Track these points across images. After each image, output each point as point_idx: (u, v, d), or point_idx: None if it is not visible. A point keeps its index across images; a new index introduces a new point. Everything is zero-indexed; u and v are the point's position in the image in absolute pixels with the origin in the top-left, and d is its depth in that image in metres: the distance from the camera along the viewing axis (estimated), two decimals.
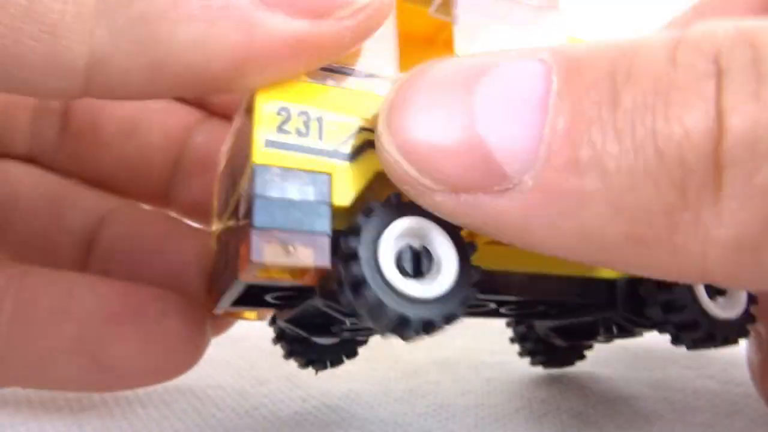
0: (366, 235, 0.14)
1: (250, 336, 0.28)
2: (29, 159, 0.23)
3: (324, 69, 0.15)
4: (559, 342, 0.24)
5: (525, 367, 0.26)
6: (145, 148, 0.22)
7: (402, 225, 0.15)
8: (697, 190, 0.11)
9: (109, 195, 0.22)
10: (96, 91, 0.13)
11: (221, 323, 0.21)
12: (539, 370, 0.26)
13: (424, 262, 0.15)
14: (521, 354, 0.26)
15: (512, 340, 0.26)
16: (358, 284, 0.14)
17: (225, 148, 0.20)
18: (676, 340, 0.19)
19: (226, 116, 0.23)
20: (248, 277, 0.14)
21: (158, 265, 0.20)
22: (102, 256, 0.21)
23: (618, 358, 0.28)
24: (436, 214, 0.14)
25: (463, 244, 0.15)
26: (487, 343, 0.30)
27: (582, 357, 0.26)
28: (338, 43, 0.14)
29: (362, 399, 0.22)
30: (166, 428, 0.19)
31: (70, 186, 0.22)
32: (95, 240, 0.21)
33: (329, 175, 0.15)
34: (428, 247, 0.15)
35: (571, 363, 0.26)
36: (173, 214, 0.23)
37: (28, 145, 0.22)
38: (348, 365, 0.25)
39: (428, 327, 0.14)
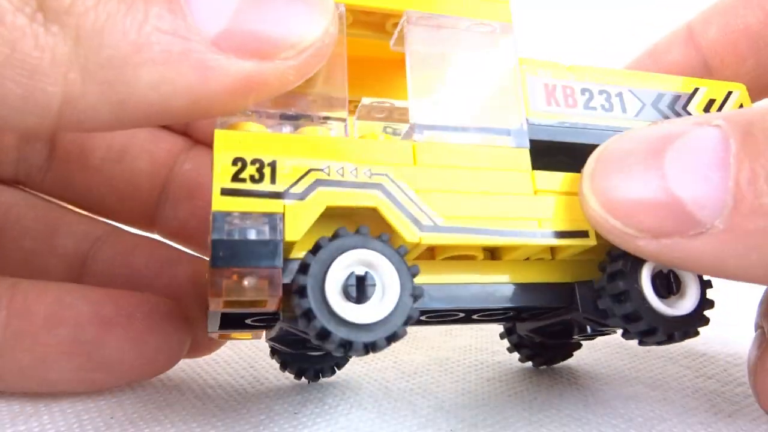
0: (314, 269, 0.16)
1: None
2: (15, 182, 0.23)
3: (282, 116, 0.18)
4: (539, 341, 0.25)
5: (525, 368, 0.26)
6: (132, 174, 0.24)
7: (346, 259, 0.16)
8: None
9: (99, 220, 0.23)
10: (68, 126, 0.14)
11: (209, 344, 0.23)
12: (540, 371, 0.26)
13: (368, 288, 0.16)
14: (510, 350, 0.27)
15: (501, 336, 0.27)
16: (307, 315, 0.16)
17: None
18: (625, 334, 0.20)
19: (210, 144, 0.24)
20: (217, 307, 0.16)
21: (148, 290, 0.21)
22: (93, 281, 0.22)
23: (617, 358, 0.28)
24: (639, 256, 0.17)
25: (407, 268, 0.17)
26: (487, 343, 0.30)
27: (569, 355, 0.27)
28: (283, 80, 0.15)
29: (362, 398, 0.22)
30: (167, 427, 0.19)
31: (60, 210, 0.23)
32: (87, 264, 0.23)
33: (282, 214, 0.16)
34: (372, 273, 0.17)
35: (558, 360, 0.27)
36: (160, 238, 0.25)
37: (14, 169, 0.24)
38: (348, 365, 0.25)
39: (372, 347, 0.16)
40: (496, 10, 0.21)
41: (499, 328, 0.33)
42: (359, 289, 0.16)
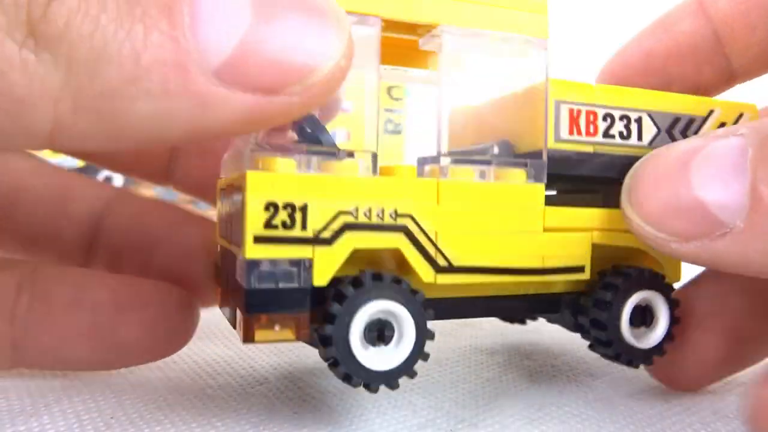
0: (339, 321, 0.17)
1: None
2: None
3: (311, 151, 0.18)
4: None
5: (525, 367, 0.26)
6: None
7: (370, 309, 0.18)
8: None
9: (109, 185, 0.24)
10: (59, 147, 0.15)
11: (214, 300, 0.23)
12: (539, 370, 0.26)
13: (387, 336, 0.18)
14: None
15: None
16: (333, 362, 0.18)
17: (226, 157, 0.20)
18: (591, 348, 0.23)
19: None
20: (249, 342, 0.17)
21: (161, 251, 0.22)
22: (107, 243, 0.23)
23: None
24: (674, 257, 0.20)
25: (424, 317, 0.19)
26: (487, 343, 0.30)
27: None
28: (288, 114, 0.15)
29: (362, 398, 0.22)
30: (167, 427, 0.19)
31: (69, 176, 0.24)
32: (100, 228, 0.23)
33: (311, 259, 0.17)
34: (393, 321, 0.18)
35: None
36: (172, 197, 0.25)
37: None
38: None
39: (389, 387, 0.18)
40: (533, 23, 0.21)
41: (499, 329, 0.33)
42: (379, 336, 0.18)
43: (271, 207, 0.17)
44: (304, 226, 0.17)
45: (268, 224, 0.17)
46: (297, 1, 0.14)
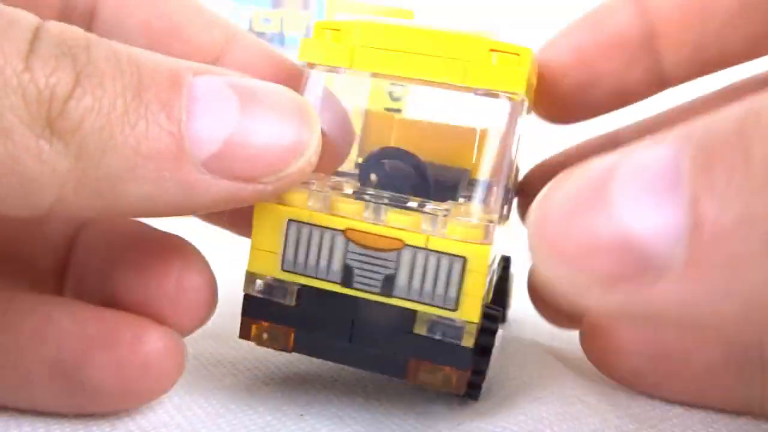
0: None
1: None
2: None
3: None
4: None
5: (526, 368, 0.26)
6: None
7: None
8: None
9: None
10: (55, 217, 0.16)
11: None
12: (539, 369, 0.26)
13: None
14: None
15: None
16: (481, 372, 0.21)
17: None
18: None
19: None
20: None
21: (135, 278, 0.20)
22: (79, 263, 0.21)
23: None
24: (596, 309, 0.16)
25: None
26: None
27: None
28: (259, 198, 0.17)
29: (362, 398, 0.22)
30: (172, 428, 0.19)
31: None
32: (73, 247, 0.22)
33: None
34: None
35: None
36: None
37: None
38: (348, 365, 0.25)
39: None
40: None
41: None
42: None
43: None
44: None
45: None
46: (277, 103, 0.17)
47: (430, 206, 0.19)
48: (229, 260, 0.23)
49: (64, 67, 0.14)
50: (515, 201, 0.28)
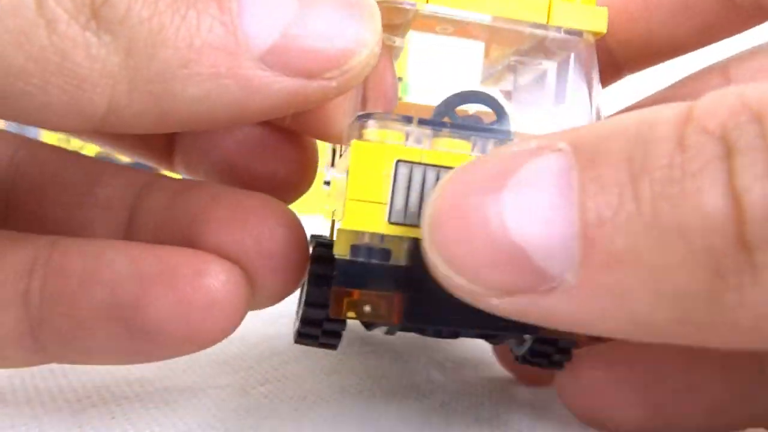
0: None
1: (251, 336, 0.28)
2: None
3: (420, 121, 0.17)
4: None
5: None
6: None
7: None
8: (735, 271, 0.11)
9: (140, 170, 0.21)
10: (108, 128, 0.15)
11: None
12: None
13: None
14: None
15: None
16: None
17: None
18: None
19: None
20: None
21: (207, 229, 0.18)
22: (144, 229, 0.20)
23: None
24: (495, 313, 0.14)
25: None
26: (486, 344, 0.30)
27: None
28: (324, 98, 0.16)
29: (362, 397, 0.22)
30: (168, 427, 0.19)
31: (96, 162, 0.21)
32: (134, 215, 0.20)
33: None
34: None
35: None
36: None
37: None
38: (348, 362, 0.25)
39: None
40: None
41: None
42: None
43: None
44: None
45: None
46: None
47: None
48: None
49: None
50: None
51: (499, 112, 0.19)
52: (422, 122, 0.17)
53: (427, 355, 0.27)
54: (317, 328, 0.18)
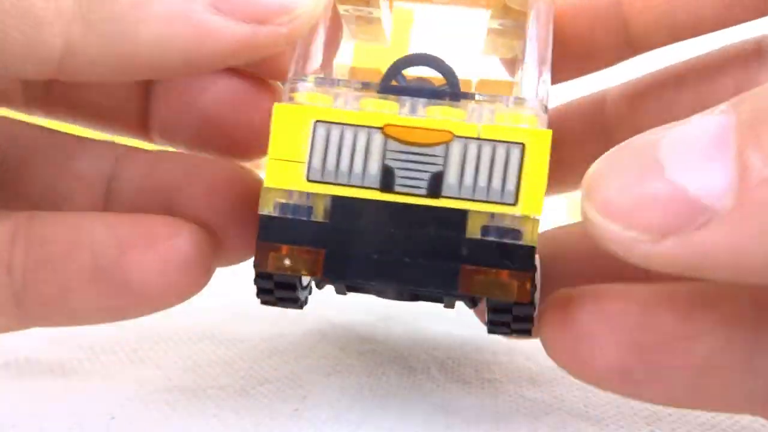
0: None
1: (251, 336, 0.28)
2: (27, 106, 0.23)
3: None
4: None
5: (526, 367, 0.26)
6: None
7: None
8: None
9: (116, 143, 0.22)
10: (67, 76, 0.15)
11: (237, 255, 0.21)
12: (540, 370, 0.26)
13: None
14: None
15: None
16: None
17: None
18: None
19: None
20: None
21: (182, 196, 0.20)
22: (123, 198, 0.21)
23: None
24: (647, 266, 0.15)
25: None
26: (487, 343, 0.30)
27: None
28: (274, 44, 0.16)
29: (362, 397, 0.22)
30: (167, 428, 0.19)
31: (73, 137, 0.22)
32: (112, 186, 0.21)
33: None
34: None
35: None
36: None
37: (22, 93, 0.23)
38: (348, 362, 0.25)
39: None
40: None
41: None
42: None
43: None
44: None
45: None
46: None
47: (480, 96, 0.17)
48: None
49: None
50: None
51: (448, 75, 0.19)
52: (349, 84, 0.18)
53: (427, 354, 0.27)
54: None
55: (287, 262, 0.17)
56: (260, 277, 0.19)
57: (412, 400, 0.22)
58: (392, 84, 0.19)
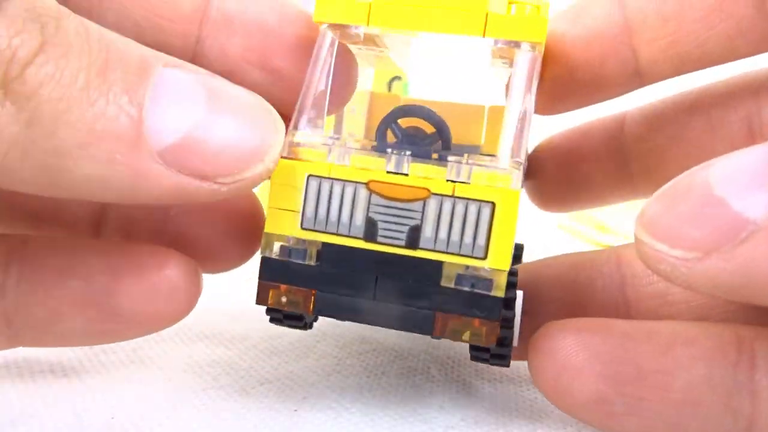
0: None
1: (251, 336, 0.28)
2: None
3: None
4: None
5: (525, 368, 0.26)
6: None
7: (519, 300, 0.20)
8: None
9: None
10: None
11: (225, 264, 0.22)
12: None
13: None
14: None
15: None
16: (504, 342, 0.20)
17: None
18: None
19: None
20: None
21: (174, 216, 0.21)
22: (117, 213, 0.22)
23: None
24: (691, 287, 0.15)
25: None
26: None
27: None
28: (211, 198, 0.17)
29: (362, 397, 0.22)
30: (168, 428, 0.19)
31: None
32: (107, 207, 0.22)
33: None
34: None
35: None
36: None
37: None
38: (348, 362, 0.25)
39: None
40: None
41: None
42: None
43: None
44: None
45: None
46: (244, 106, 0.17)
47: (453, 157, 0.19)
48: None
49: (30, 31, 0.14)
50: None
51: (438, 125, 0.20)
52: (341, 140, 0.20)
53: (427, 354, 0.27)
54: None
55: (284, 299, 0.19)
56: (269, 308, 0.20)
57: (411, 400, 0.22)
58: (387, 134, 0.20)
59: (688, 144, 0.16)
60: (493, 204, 0.18)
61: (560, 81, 0.23)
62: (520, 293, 0.20)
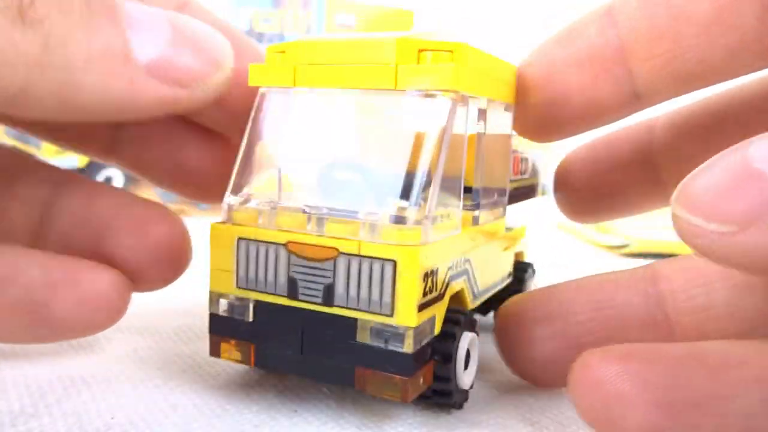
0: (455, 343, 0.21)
1: None
2: None
3: None
4: None
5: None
6: None
7: (466, 338, 0.21)
8: None
9: (61, 168, 0.24)
10: (17, 109, 0.17)
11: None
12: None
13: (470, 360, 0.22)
14: None
15: None
16: (446, 379, 0.20)
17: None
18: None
19: None
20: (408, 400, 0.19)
21: (110, 235, 0.22)
22: (58, 226, 0.23)
23: None
24: (728, 263, 0.15)
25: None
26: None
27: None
28: (194, 104, 0.20)
29: (362, 397, 0.22)
30: (168, 427, 0.19)
31: (20, 158, 0.24)
32: (51, 210, 0.23)
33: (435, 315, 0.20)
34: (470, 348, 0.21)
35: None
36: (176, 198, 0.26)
37: None
38: None
39: (465, 399, 0.22)
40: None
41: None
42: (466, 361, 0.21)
43: (427, 277, 0.19)
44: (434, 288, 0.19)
45: (426, 292, 0.19)
46: (199, 28, 0.20)
47: (369, 213, 0.19)
48: None
49: None
50: (545, 196, 0.28)
51: (372, 179, 0.21)
52: (266, 205, 0.21)
53: None
54: None
55: (232, 353, 0.21)
56: None
57: (412, 402, 0.22)
58: (336, 186, 0.21)
59: (720, 149, 0.15)
60: (394, 262, 0.18)
61: (555, 107, 0.22)
62: (473, 334, 0.21)
